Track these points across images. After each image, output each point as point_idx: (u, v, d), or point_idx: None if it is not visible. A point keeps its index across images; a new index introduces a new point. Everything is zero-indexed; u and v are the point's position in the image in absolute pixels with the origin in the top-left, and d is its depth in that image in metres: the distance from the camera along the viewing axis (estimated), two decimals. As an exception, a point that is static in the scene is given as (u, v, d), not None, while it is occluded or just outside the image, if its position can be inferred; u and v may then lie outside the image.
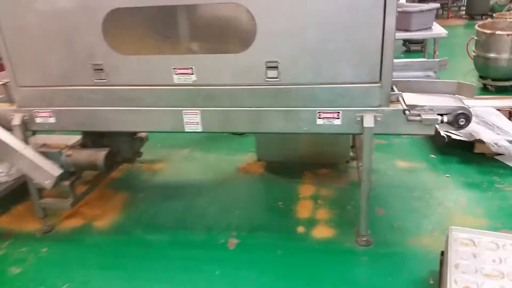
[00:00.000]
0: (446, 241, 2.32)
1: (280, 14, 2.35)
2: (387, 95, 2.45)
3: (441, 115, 2.43)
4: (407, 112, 2.41)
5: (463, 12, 11.92)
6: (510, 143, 3.59)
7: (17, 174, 3.67)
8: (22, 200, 3.66)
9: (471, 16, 11.23)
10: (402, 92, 2.57)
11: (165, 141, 4.64)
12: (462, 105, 2.44)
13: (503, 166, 3.68)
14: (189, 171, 4.11)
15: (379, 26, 2.29)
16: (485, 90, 5.69)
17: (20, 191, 3.60)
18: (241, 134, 4.63)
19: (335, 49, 2.38)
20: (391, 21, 2.28)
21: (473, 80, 5.86)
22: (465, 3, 11.65)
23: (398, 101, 2.51)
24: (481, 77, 5.79)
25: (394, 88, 2.58)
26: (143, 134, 3.87)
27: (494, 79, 5.56)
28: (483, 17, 10.49)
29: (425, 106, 2.44)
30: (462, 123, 2.42)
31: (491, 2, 10.90)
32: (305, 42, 2.39)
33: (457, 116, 2.41)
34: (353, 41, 2.35)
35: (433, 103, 2.48)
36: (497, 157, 3.77)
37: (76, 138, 3.48)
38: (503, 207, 3.13)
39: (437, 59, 3.16)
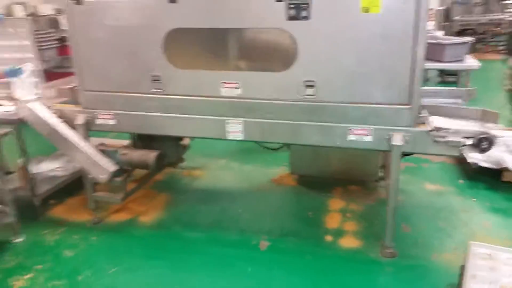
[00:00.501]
0: (466, 255, 2.48)
1: (320, 40, 2.64)
2: (415, 116, 2.67)
3: (466, 138, 2.62)
4: (433, 133, 2.62)
5: (502, 48, 11.87)
6: (537, 172, 3.69)
7: (72, 170, 4.09)
8: (75, 194, 4.06)
9: (510, 51, 11.16)
10: (430, 115, 2.79)
11: (205, 150, 4.98)
12: (485, 130, 2.63)
13: (530, 195, 3.78)
14: (225, 179, 4.41)
15: (409, 54, 2.54)
16: (519, 123, 5.73)
17: (74, 185, 4.01)
18: (275, 149, 4.91)
19: (368, 72, 2.63)
20: (420, 50, 2.52)
21: (507, 113, 5.92)
22: (506, 39, 11.61)
23: (426, 123, 2.71)
24: (515, 110, 5.85)
25: (423, 111, 2.80)
26: (186, 142, 4.22)
27: (528, 113, 5.62)
28: (525, 52, 10.44)
29: (451, 129, 2.65)
30: (484, 147, 2.60)
31: (530, 39, 10.86)
32: (340, 65, 2.66)
33: (480, 140, 2.60)
34: (385, 66, 2.60)
35: (458, 126, 2.68)
36: (525, 187, 3.86)
37: (125, 142, 3.85)
38: (526, 233, 3.24)
39: (465, 88, 3.34)
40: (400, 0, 2.45)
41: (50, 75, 5.46)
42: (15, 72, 3.82)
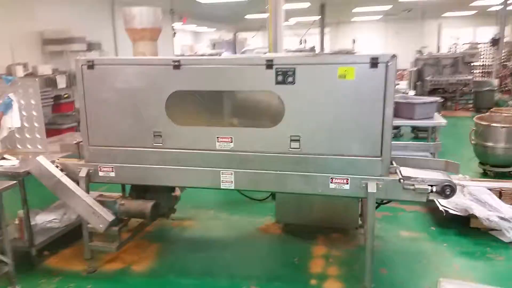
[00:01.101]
0: (436, 290, 2.76)
1: (303, 101, 3.05)
2: (386, 167, 3.05)
3: (431, 186, 2.99)
4: (402, 181, 2.98)
5: (471, 105, 12.73)
6: (500, 218, 4.06)
7: (67, 221, 4.27)
8: (68, 245, 4.22)
9: (478, 109, 11.99)
10: (400, 166, 3.17)
11: (194, 202, 5.23)
12: (448, 179, 3.01)
13: (496, 240, 4.12)
14: (214, 229, 4.65)
15: (380, 114, 2.96)
16: (485, 175, 6.20)
17: (67, 237, 4.18)
18: (261, 200, 5.21)
19: (345, 129, 3.03)
20: (389, 111, 2.94)
21: (474, 166, 6.43)
22: (473, 98, 12.49)
23: (396, 172, 3.09)
24: (481, 163, 6.34)
25: (393, 162, 3.19)
26: (177, 193, 4.47)
27: (492, 165, 6.11)
28: (489, 110, 11.25)
29: (418, 178, 3.02)
30: (448, 193, 2.96)
31: (496, 98, 11.76)
32: (321, 122, 3.06)
33: (444, 187, 2.97)
34: (359, 123, 3.00)
35: (424, 176, 3.05)
36: (491, 232, 4.21)
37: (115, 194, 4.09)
38: (492, 273, 3.56)
39: (432, 143, 3.78)
40: (371, 69, 2.90)
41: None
42: (8, 105, 4.07)
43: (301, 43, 12.59)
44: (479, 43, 16.05)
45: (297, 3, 12.05)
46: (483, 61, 15.44)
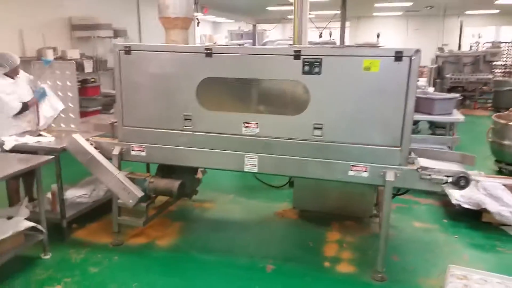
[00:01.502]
0: (446, 275, 2.93)
1: (328, 91, 3.21)
2: (405, 157, 3.20)
3: (447, 176, 3.13)
4: (420, 171, 3.13)
5: (490, 104, 12.68)
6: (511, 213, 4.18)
7: (95, 197, 4.52)
8: (96, 219, 4.47)
9: (497, 108, 11.93)
10: (418, 157, 3.32)
11: (214, 186, 5.46)
12: (463, 170, 3.15)
13: (506, 234, 4.24)
14: (234, 212, 4.86)
15: (402, 106, 3.10)
16: (500, 173, 6.27)
17: (94, 212, 4.44)
18: (279, 186, 5.41)
19: (367, 119, 3.19)
20: (410, 103, 3.09)
21: (490, 163, 6.51)
22: (492, 97, 12.44)
23: (414, 163, 3.24)
24: (496, 161, 6.42)
25: (412, 153, 3.33)
26: (199, 176, 4.68)
27: (508, 164, 6.18)
28: (508, 110, 11.20)
29: (435, 168, 3.17)
30: (462, 184, 3.11)
31: (516, 97, 11.69)
32: (345, 112, 3.22)
33: (459, 178, 3.11)
34: (381, 114, 3.16)
35: (441, 167, 3.20)
36: (502, 227, 4.33)
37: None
38: (500, 264, 3.69)
39: (450, 137, 3.90)
40: (395, 63, 3.04)
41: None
42: (43, 94, 4.32)
43: (321, 36, 12.64)
44: (502, 42, 15.88)
45: (319, -4, 12.11)
46: (505, 60, 15.29)
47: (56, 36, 7.95)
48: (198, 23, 10.26)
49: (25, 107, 4.28)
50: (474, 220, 4.46)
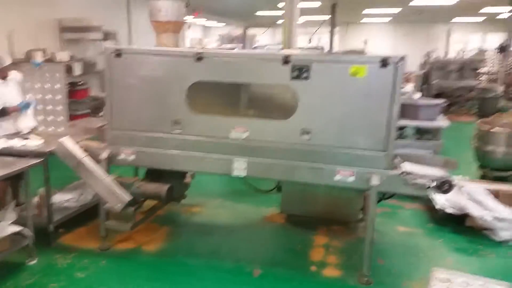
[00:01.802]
0: (430, 278, 2.97)
1: (316, 96, 3.27)
2: (390, 161, 3.26)
3: (431, 181, 3.20)
4: (404, 176, 3.20)
5: (475, 111, 12.87)
6: (494, 218, 4.27)
7: (83, 201, 4.50)
8: (83, 224, 4.45)
9: (482, 115, 12.09)
10: (403, 161, 3.38)
11: (202, 190, 5.46)
12: (447, 175, 3.22)
13: (489, 238, 4.31)
14: (221, 216, 4.88)
15: (387, 111, 3.17)
16: (484, 178, 6.37)
17: (81, 216, 4.42)
18: (267, 191, 5.43)
19: (354, 123, 3.25)
20: (395, 108, 3.16)
21: (474, 169, 6.61)
22: (478, 103, 12.63)
23: (398, 167, 3.30)
24: (481, 166, 6.52)
25: (397, 157, 3.40)
26: (188, 180, 4.70)
27: (492, 169, 6.29)
28: (493, 116, 11.39)
29: (419, 173, 3.23)
30: (446, 189, 3.18)
31: (500, 104, 11.90)
32: (332, 117, 3.28)
33: (442, 183, 3.18)
34: (367, 119, 3.22)
35: (425, 171, 3.27)
36: (484, 231, 4.41)
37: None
38: (483, 268, 3.77)
39: (434, 142, 3.98)
40: (381, 69, 3.11)
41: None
42: (27, 105, 4.33)
43: (310, 42, 12.76)
44: (487, 50, 16.17)
45: (308, 2, 12.20)
46: (489, 67, 15.56)
47: (46, 38, 7.90)
48: (189, 26, 10.27)
49: (3, 112, 4.27)
50: (458, 224, 4.54)
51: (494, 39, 18.82)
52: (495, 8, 13.89)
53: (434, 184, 3.18)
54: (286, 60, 3.24)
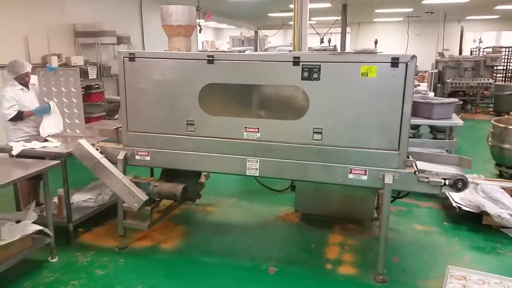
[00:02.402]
0: (445, 275, 2.98)
1: (327, 96, 3.30)
2: (403, 160, 3.27)
3: (444, 179, 3.20)
4: (417, 174, 3.20)
5: (491, 109, 12.72)
6: (511, 216, 4.23)
7: (101, 201, 4.60)
8: (101, 224, 4.55)
9: (498, 113, 11.96)
10: (416, 160, 3.39)
11: (217, 190, 5.53)
12: (461, 173, 3.22)
13: (506, 237, 4.29)
14: (236, 215, 4.93)
15: (399, 110, 3.18)
16: (500, 176, 6.31)
17: (100, 216, 4.52)
18: (281, 190, 5.48)
19: (366, 123, 3.27)
20: (407, 108, 3.17)
21: (490, 167, 6.56)
22: (493, 101, 12.49)
23: (412, 166, 3.31)
24: (497, 164, 6.47)
25: (410, 156, 3.40)
26: (202, 180, 4.76)
27: (508, 167, 6.23)
28: (509, 114, 11.24)
29: (432, 171, 3.24)
30: (460, 187, 3.17)
31: (516, 102, 11.74)
32: (343, 117, 3.30)
33: (456, 181, 3.18)
34: (379, 119, 3.24)
35: (438, 170, 3.27)
36: (502, 229, 4.38)
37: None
38: (501, 266, 3.73)
39: (448, 140, 3.97)
40: (392, 68, 3.12)
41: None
42: (45, 110, 4.43)
43: (322, 42, 12.76)
44: (503, 47, 15.95)
45: (319, 3, 12.22)
46: (505, 65, 15.35)
47: (61, 42, 8.06)
48: (200, 29, 10.37)
49: (19, 116, 4.39)
50: (475, 223, 4.51)
51: (509, 37, 18.57)
52: (510, 5, 13.70)
53: (448, 182, 3.18)
54: (296, 61, 3.28)
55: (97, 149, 3.88)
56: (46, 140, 4.30)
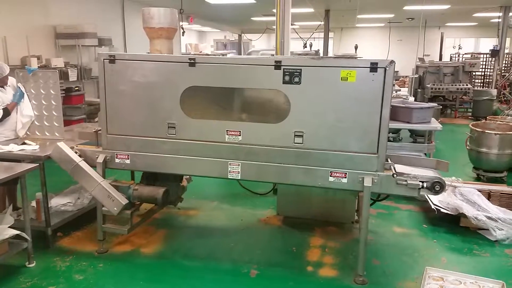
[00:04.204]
0: (423, 276, 3.03)
1: (308, 100, 3.33)
2: (382, 163, 3.31)
3: (422, 182, 3.26)
4: (396, 177, 3.25)
5: (470, 113, 13.00)
6: (488, 218, 4.33)
7: (80, 205, 4.54)
8: (81, 228, 4.49)
9: (476, 117, 12.23)
10: (395, 163, 3.44)
11: (198, 193, 5.52)
12: (438, 176, 3.28)
13: (483, 238, 4.38)
14: (218, 218, 4.92)
15: (378, 114, 3.23)
16: (478, 179, 6.45)
17: (79, 220, 4.46)
18: (263, 194, 5.49)
19: (346, 127, 3.30)
20: (386, 112, 3.21)
21: (468, 170, 6.70)
22: (472, 106, 12.76)
23: (391, 169, 3.36)
24: (475, 168, 6.61)
25: (389, 159, 3.46)
26: (184, 183, 4.74)
27: (485, 170, 6.38)
28: (486, 118, 11.50)
29: (410, 174, 3.29)
30: (437, 189, 3.23)
31: (494, 107, 12.03)
32: (324, 120, 3.34)
33: (433, 184, 3.24)
34: (358, 122, 3.28)
35: (416, 172, 3.33)
36: (479, 231, 4.47)
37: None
38: (476, 267, 3.81)
39: (426, 144, 4.04)
40: (371, 73, 3.17)
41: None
42: (21, 95, 4.37)
43: (305, 47, 12.86)
44: (481, 53, 16.34)
45: (302, 8, 12.33)
46: (483, 71, 15.72)
47: (41, 44, 7.96)
48: (183, 32, 10.36)
49: (6, 113, 4.31)
50: (453, 225, 4.60)
51: (488, 43, 19.01)
52: (487, 13, 14.06)
53: (426, 185, 3.24)
54: (277, 65, 3.30)
55: (76, 152, 3.83)
56: (24, 143, 4.22)
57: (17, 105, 4.39)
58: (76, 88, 8.09)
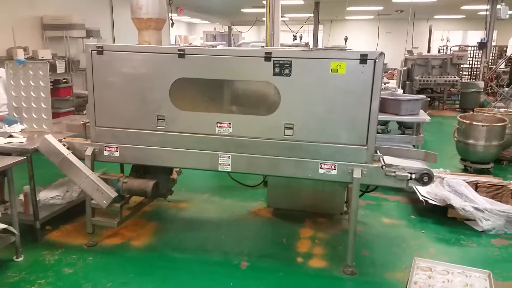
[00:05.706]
0: (411, 267, 3.07)
1: (298, 92, 3.33)
2: (371, 155, 3.34)
3: (411, 173, 3.29)
4: (385, 168, 3.28)
5: (457, 106, 13.14)
6: (474, 209, 4.39)
7: (69, 198, 4.50)
8: (70, 221, 4.46)
9: (464, 109, 12.37)
10: (384, 155, 3.47)
11: (189, 186, 5.51)
12: (426, 167, 3.31)
13: (470, 229, 4.45)
14: (209, 211, 4.92)
15: (367, 106, 3.24)
16: (465, 171, 6.54)
17: (68, 213, 4.43)
18: (253, 186, 5.50)
19: (335, 119, 3.31)
20: (375, 104, 3.23)
21: (456, 162, 6.78)
22: (460, 98, 12.90)
23: (379, 160, 3.38)
24: (462, 159, 6.69)
25: (378, 151, 3.48)
26: (174, 176, 4.72)
27: (472, 162, 6.46)
28: (474, 110, 11.62)
29: (399, 165, 3.32)
30: (425, 181, 3.27)
31: (481, 99, 12.16)
32: (314, 112, 3.34)
33: (422, 175, 3.27)
34: (348, 114, 3.29)
35: (405, 164, 3.36)
36: (466, 222, 4.54)
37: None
38: (464, 257, 3.88)
39: (414, 136, 4.08)
40: (361, 65, 3.17)
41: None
42: (11, 122, 4.32)
43: (295, 39, 12.84)
44: (468, 46, 16.48)
45: (292, 0, 12.30)
46: (471, 63, 15.86)
47: (27, 35, 7.83)
48: (173, 23, 10.26)
49: None
50: (440, 215, 4.67)
51: (476, 36, 19.17)
52: (474, 5, 14.17)
53: (414, 176, 3.27)
54: (267, 56, 3.29)
55: (64, 145, 3.78)
56: (10, 136, 4.16)
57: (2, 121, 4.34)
58: (64, 80, 7.99)
